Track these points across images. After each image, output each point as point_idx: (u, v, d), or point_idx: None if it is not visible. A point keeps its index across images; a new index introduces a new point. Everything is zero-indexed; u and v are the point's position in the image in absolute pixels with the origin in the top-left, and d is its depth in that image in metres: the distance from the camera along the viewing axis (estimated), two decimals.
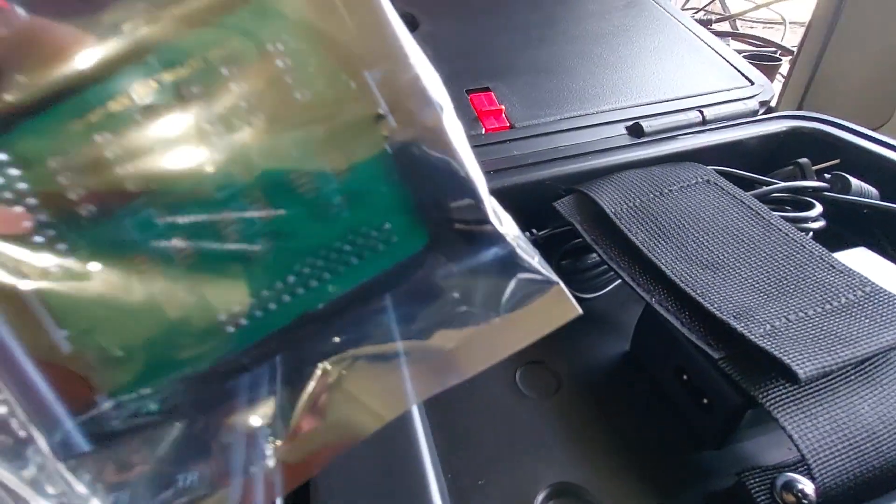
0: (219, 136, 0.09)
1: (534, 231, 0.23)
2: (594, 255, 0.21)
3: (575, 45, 0.30)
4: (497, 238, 0.10)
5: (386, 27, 0.09)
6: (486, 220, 0.10)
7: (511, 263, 0.10)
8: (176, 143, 0.09)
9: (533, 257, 0.10)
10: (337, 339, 0.10)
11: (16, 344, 0.09)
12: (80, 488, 0.09)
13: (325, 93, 0.09)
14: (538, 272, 0.10)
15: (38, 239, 0.09)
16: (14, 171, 0.09)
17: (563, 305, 0.10)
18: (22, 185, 0.09)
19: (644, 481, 0.17)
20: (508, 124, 0.25)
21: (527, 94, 0.27)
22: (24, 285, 0.09)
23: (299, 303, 0.10)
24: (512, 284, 0.10)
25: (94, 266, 0.09)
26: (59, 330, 0.09)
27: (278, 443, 0.09)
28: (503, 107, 0.26)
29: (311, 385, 0.10)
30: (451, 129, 0.10)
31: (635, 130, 0.25)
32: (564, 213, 0.21)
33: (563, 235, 0.22)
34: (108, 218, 0.09)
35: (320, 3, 0.09)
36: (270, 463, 0.09)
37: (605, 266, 0.21)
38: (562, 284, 0.10)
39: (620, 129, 0.25)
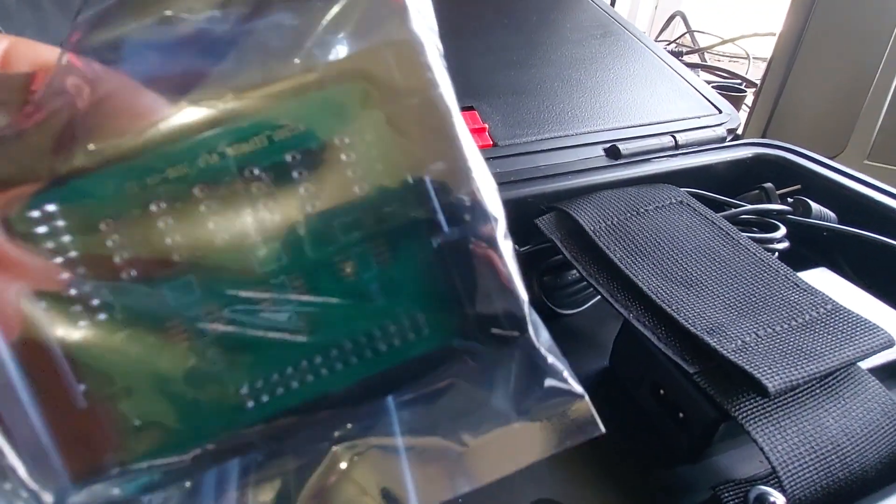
0: (272, 216, 0.09)
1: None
2: (574, 271, 0.21)
3: (555, 69, 0.31)
4: (530, 348, 0.10)
5: (452, 134, 0.10)
6: (524, 330, 0.10)
7: (539, 370, 0.10)
8: (228, 218, 0.09)
9: (563, 369, 0.10)
10: (350, 426, 0.10)
11: (26, 391, 0.08)
12: None
13: (384, 190, 0.09)
14: (566, 383, 0.10)
15: (73, 292, 0.09)
16: (61, 223, 0.09)
17: (587, 421, 0.10)
18: (66, 239, 0.09)
19: (622, 496, 0.17)
20: (492, 143, 0.26)
21: (509, 115, 0.28)
22: (49, 333, 0.08)
23: (321, 383, 0.10)
24: (538, 391, 0.10)
25: (126, 329, 0.09)
26: (78, 384, 0.09)
27: None
28: (487, 126, 0.26)
29: (320, 470, 0.09)
30: (502, 243, 0.10)
31: (612, 152, 0.26)
32: (545, 229, 0.22)
33: (543, 252, 0.23)
34: (147, 283, 0.09)
35: (393, 106, 0.09)
36: None
37: (585, 283, 0.22)
38: (587, 399, 0.10)
39: (598, 150, 0.26)
